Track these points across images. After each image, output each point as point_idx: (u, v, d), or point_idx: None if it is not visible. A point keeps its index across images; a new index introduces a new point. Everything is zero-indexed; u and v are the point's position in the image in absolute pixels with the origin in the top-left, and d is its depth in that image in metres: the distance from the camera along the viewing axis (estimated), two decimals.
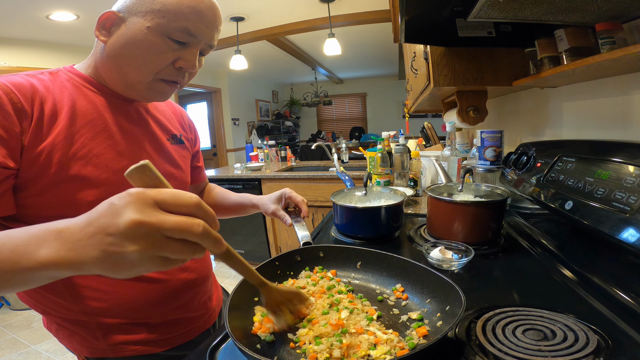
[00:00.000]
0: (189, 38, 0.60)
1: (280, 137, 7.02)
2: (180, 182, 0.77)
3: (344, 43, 3.89)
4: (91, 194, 0.58)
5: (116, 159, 0.63)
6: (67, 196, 0.57)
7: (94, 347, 0.65)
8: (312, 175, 2.70)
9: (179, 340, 0.72)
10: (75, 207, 0.56)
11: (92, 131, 0.61)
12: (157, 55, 0.59)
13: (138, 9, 0.58)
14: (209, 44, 0.65)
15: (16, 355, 2.05)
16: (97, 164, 0.60)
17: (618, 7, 0.62)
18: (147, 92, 0.64)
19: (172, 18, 0.58)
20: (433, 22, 0.91)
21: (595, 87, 0.82)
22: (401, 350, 0.44)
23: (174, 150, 0.77)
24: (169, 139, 0.77)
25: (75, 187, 0.57)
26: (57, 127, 0.57)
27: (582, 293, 0.59)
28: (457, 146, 1.40)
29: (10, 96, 0.52)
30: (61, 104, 0.59)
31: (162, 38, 0.59)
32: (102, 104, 0.64)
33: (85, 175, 0.58)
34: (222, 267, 3.25)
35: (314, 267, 0.67)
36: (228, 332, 0.43)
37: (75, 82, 0.63)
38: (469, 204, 0.82)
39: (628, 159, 0.56)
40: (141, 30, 0.58)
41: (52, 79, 0.61)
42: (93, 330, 0.64)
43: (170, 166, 0.75)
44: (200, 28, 0.60)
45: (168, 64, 0.61)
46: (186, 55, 0.61)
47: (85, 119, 0.61)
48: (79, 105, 0.61)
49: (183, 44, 0.61)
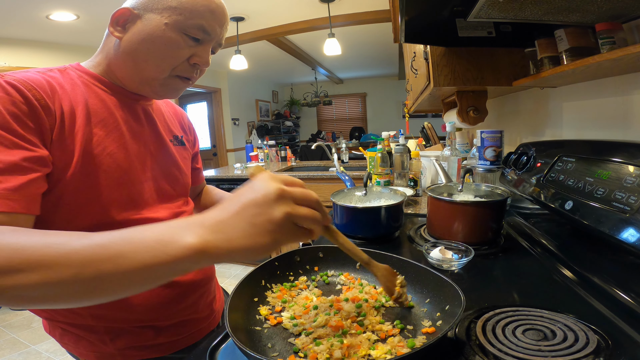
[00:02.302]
0: (203, 35, 0.62)
1: (280, 137, 7.02)
2: (182, 184, 0.77)
3: (344, 43, 3.89)
4: (104, 192, 0.59)
5: (126, 158, 0.63)
6: (89, 194, 0.58)
7: (102, 352, 0.64)
8: (312, 175, 2.70)
9: (185, 343, 0.72)
10: (89, 206, 0.58)
11: (105, 129, 0.62)
12: (175, 51, 0.61)
13: (154, 6, 0.59)
14: (219, 42, 0.67)
15: (16, 355, 2.05)
16: (110, 162, 0.61)
17: (618, 7, 0.62)
18: (161, 88, 0.65)
19: (189, 15, 0.60)
20: (433, 22, 0.91)
21: (595, 87, 0.82)
22: (401, 350, 0.44)
23: (176, 151, 0.77)
24: (171, 140, 0.77)
25: (91, 184, 0.58)
26: (76, 125, 0.57)
27: (582, 293, 0.59)
28: (457, 146, 1.40)
29: (33, 92, 0.52)
30: (76, 102, 0.59)
31: (180, 34, 0.60)
32: (113, 103, 0.65)
33: (100, 173, 0.59)
34: (221, 267, 3.25)
35: (313, 268, 0.67)
36: (228, 331, 0.43)
37: (85, 80, 0.63)
38: (469, 204, 0.82)
39: (628, 159, 0.56)
40: (159, 26, 0.59)
41: (63, 77, 0.61)
42: (101, 335, 0.63)
43: (173, 168, 0.75)
44: (213, 26, 0.63)
45: (184, 60, 0.63)
46: (200, 52, 0.63)
47: (98, 117, 0.61)
48: (91, 103, 0.61)
49: (198, 41, 0.63)
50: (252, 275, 0.58)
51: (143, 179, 0.66)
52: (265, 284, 0.60)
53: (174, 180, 0.74)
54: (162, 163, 0.72)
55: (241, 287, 0.53)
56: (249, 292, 0.56)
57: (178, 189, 0.75)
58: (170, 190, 0.73)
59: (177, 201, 0.75)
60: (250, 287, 0.57)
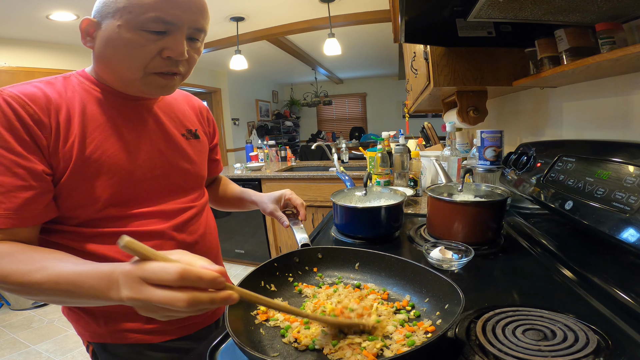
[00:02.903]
0: (165, 26, 0.58)
1: (280, 137, 7.02)
2: (195, 177, 0.79)
3: (344, 43, 3.89)
4: (107, 192, 0.62)
5: (129, 158, 0.65)
6: (86, 196, 0.61)
7: (94, 332, 0.68)
8: (312, 175, 2.70)
9: (178, 332, 0.72)
10: (93, 206, 0.62)
11: (104, 133, 0.63)
12: (137, 50, 0.59)
13: (108, 11, 0.58)
14: (195, 27, 0.61)
15: (16, 355, 2.05)
16: (111, 165, 0.62)
17: (618, 7, 0.62)
18: (145, 87, 0.64)
19: (139, 11, 0.56)
20: (433, 22, 0.91)
21: (595, 87, 0.82)
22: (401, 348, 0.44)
23: (188, 145, 0.78)
24: (184, 134, 0.77)
25: (92, 186, 0.61)
26: (72, 134, 0.59)
27: (582, 293, 0.59)
28: (457, 146, 1.40)
29: (26, 108, 0.55)
30: (73, 109, 0.61)
31: (137, 32, 0.58)
32: (112, 106, 0.66)
33: (100, 176, 0.61)
34: None
35: (312, 269, 0.67)
36: (229, 331, 0.43)
37: (86, 86, 0.65)
38: (469, 204, 0.82)
39: (628, 159, 0.56)
40: (114, 30, 0.58)
41: (64, 84, 0.63)
42: (97, 317, 0.67)
43: (184, 162, 0.76)
44: (175, 14, 0.58)
45: (153, 56, 0.60)
46: (170, 43, 0.59)
47: (96, 122, 0.62)
48: (89, 109, 0.62)
49: (162, 33, 0.59)
50: (252, 276, 0.58)
51: (150, 176, 0.68)
52: (264, 285, 0.60)
53: (185, 174, 0.75)
54: (172, 158, 0.73)
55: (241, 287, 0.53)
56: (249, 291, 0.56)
57: (191, 182, 0.77)
58: (182, 184, 0.75)
59: (191, 194, 0.77)
60: (249, 287, 0.57)
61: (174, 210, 0.72)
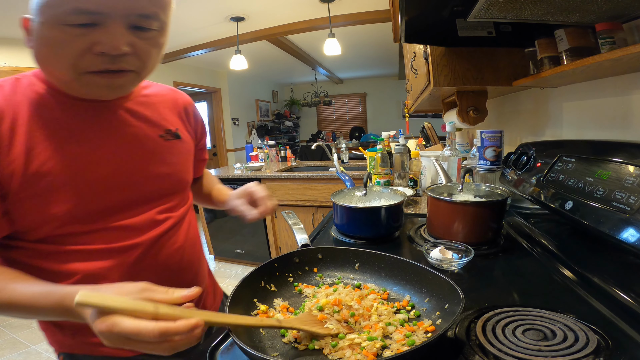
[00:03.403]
0: (90, 17, 0.49)
1: (280, 137, 7.01)
2: (175, 181, 0.72)
3: (344, 43, 3.89)
4: (64, 207, 0.56)
5: (88, 169, 0.58)
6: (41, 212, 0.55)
7: (63, 343, 0.66)
8: (312, 175, 2.70)
9: None
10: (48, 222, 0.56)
11: (56, 142, 0.56)
12: (61, 48, 0.51)
13: (33, 7, 0.51)
14: (138, 14, 0.52)
15: (16, 355, 2.05)
16: (66, 177, 0.56)
17: (618, 7, 0.62)
18: (85, 89, 0.57)
19: (58, 4, 0.48)
20: (433, 22, 0.91)
21: (595, 87, 0.82)
22: (401, 348, 0.44)
23: (167, 147, 0.71)
24: (161, 135, 0.70)
25: (46, 202, 0.54)
26: (16, 145, 0.53)
27: (582, 293, 0.59)
28: (457, 146, 1.40)
29: None
30: (19, 117, 0.54)
31: (58, 28, 0.50)
32: (66, 109, 0.58)
33: (54, 190, 0.55)
34: (221, 268, 3.25)
35: (312, 269, 0.67)
36: (229, 331, 0.43)
37: (37, 88, 0.58)
38: (469, 204, 0.82)
39: (628, 159, 0.56)
40: (37, 29, 0.51)
41: (13, 87, 0.57)
42: (65, 329, 0.65)
43: (160, 166, 0.69)
44: (99, 2, 0.49)
45: (81, 53, 0.51)
46: (101, 37, 0.51)
47: (47, 130, 0.56)
48: (40, 114, 0.56)
49: (90, 26, 0.50)
50: (252, 276, 0.58)
51: (115, 187, 0.62)
52: (264, 285, 0.60)
53: (161, 180, 0.69)
54: (144, 164, 0.66)
55: (241, 288, 0.54)
56: (249, 292, 0.56)
57: (169, 188, 0.71)
58: (158, 191, 0.69)
59: (169, 202, 0.71)
60: (249, 287, 0.57)
61: (147, 223, 0.65)
